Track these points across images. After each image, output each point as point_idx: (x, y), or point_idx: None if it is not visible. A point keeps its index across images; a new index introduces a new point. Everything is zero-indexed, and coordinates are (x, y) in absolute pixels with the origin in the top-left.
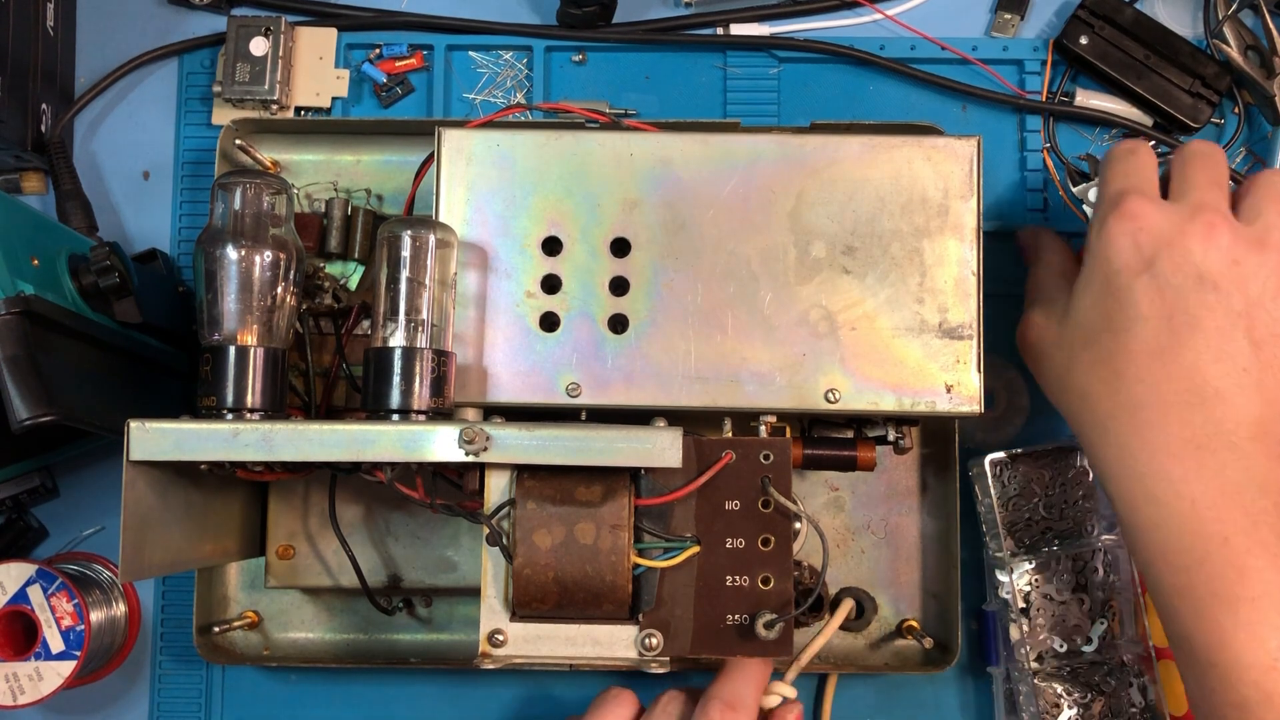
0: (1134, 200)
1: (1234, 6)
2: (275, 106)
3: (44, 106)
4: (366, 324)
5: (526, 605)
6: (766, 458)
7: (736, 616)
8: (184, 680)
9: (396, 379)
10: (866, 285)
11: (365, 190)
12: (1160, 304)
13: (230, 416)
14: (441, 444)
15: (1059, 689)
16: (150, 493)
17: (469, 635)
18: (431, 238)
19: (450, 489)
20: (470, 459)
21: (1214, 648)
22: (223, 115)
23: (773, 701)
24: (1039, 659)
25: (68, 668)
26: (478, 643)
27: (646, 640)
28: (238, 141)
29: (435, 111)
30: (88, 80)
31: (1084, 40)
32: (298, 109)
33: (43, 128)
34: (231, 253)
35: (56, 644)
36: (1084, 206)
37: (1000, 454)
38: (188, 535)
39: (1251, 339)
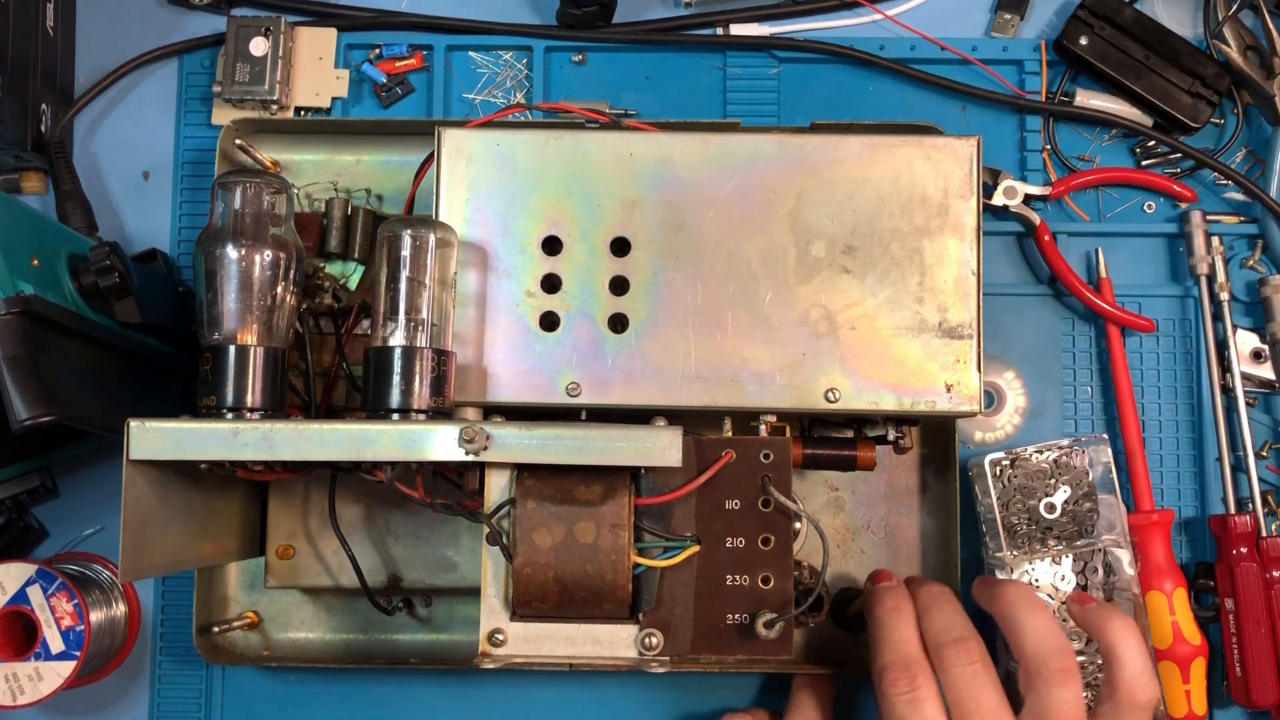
0: None
1: (1234, 7)
2: (275, 106)
3: (44, 106)
4: (366, 324)
5: (526, 605)
6: (766, 457)
7: (736, 616)
8: (184, 680)
9: (396, 378)
10: (866, 285)
11: (365, 190)
12: None
13: (230, 416)
14: (441, 443)
15: None
16: (150, 493)
17: (469, 635)
18: (431, 237)
19: (450, 488)
20: (470, 458)
21: None
22: (223, 115)
23: None
24: None
25: (68, 668)
26: (478, 643)
27: (646, 640)
28: (238, 141)
29: (435, 111)
30: (88, 80)
31: (1084, 40)
32: (298, 109)
33: (43, 128)
34: (231, 252)
35: (56, 644)
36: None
37: (1000, 454)
38: (188, 535)
39: None
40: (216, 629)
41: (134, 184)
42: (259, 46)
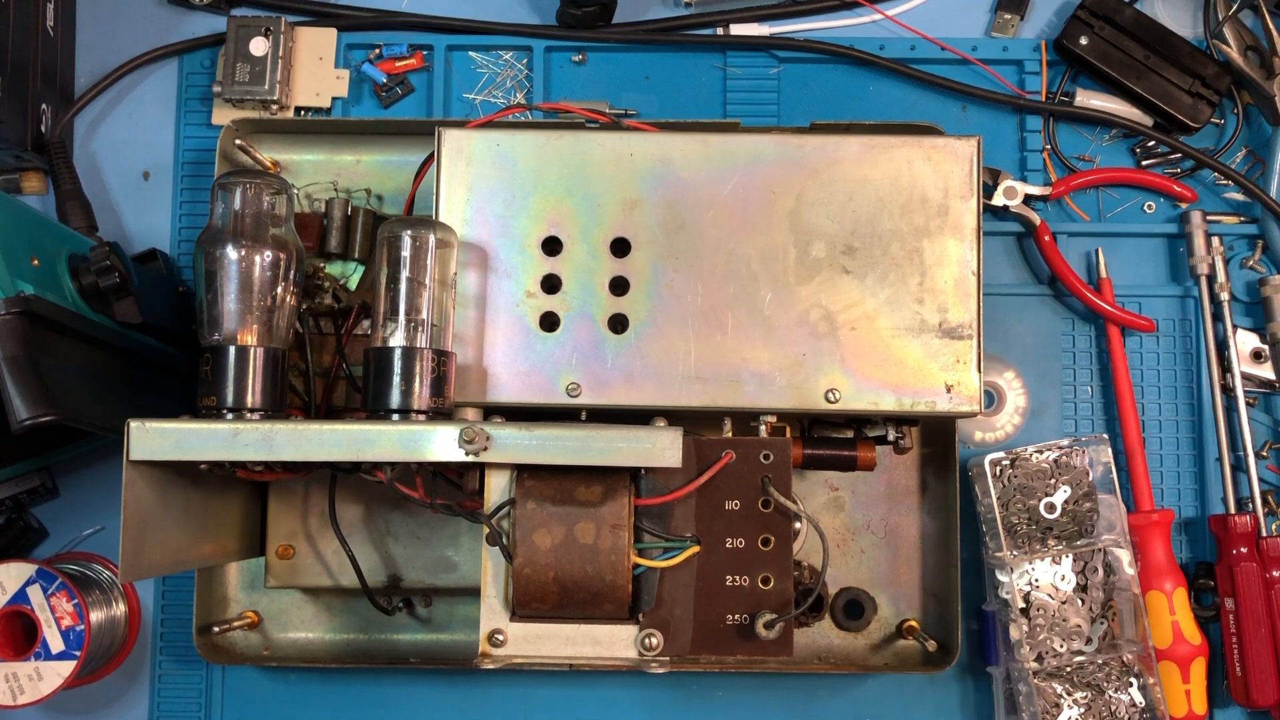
0: None
1: (1234, 6)
2: (275, 106)
3: (44, 106)
4: (366, 324)
5: (526, 605)
6: (766, 458)
7: (736, 616)
8: (184, 680)
9: (396, 379)
10: (866, 285)
11: (365, 190)
12: None
13: (230, 416)
14: (441, 444)
15: (1059, 689)
16: (150, 493)
17: (469, 635)
18: (431, 238)
19: (450, 489)
20: (470, 459)
21: None
22: (223, 115)
23: None
24: (1039, 659)
25: (68, 668)
26: (478, 643)
27: (646, 640)
28: (238, 141)
29: (435, 111)
30: (88, 80)
31: (1084, 40)
32: (298, 109)
33: (43, 128)
34: (231, 253)
35: (56, 644)
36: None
37: (1000, 454)
38: (188, 535)
39: None
40: (216, 629)
41: (134, 184)
42: (259, 46)
